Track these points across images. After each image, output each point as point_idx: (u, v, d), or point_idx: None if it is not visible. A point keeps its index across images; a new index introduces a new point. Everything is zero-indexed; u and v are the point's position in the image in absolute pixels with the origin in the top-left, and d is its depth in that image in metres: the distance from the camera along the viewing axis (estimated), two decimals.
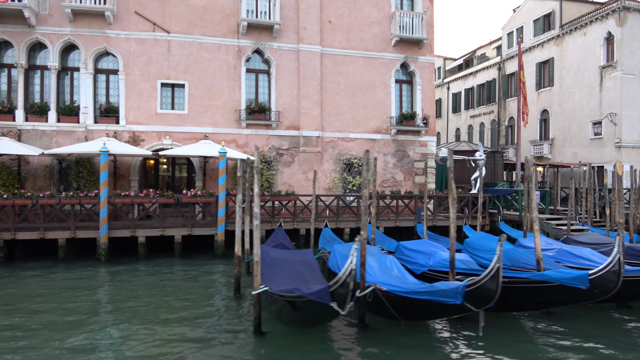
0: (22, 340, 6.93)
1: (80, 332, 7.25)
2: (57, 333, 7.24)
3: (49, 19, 15.60)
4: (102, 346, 6.70)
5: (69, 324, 7.67)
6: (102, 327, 7.51)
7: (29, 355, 6.36)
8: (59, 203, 13.05)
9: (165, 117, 16.40)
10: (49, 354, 6.43)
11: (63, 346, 6.70)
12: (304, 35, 17.57)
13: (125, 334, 7.22)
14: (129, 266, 12.60)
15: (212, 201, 13.95)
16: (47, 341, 6.89)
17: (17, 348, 6.63)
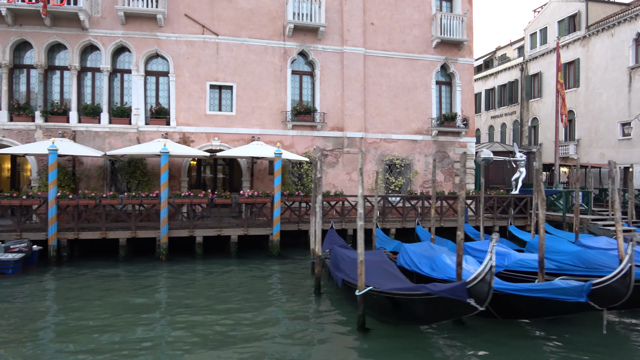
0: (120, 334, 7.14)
1: (189, 331, 7.45)
2: (170, 335, 7.44)
3: (101, 22, 15.83)
4: (204, 345, 6.89)
5: (179, 325, 7.88)
6: (203, 327, 7.71)
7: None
8: (121, 203, 13.27)
9: (214, 118, 16.61)
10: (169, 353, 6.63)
11: (181, 347, 6.90)
12: (347, 37, 17.75)
13: (234, 334, 7.41)
14: (189, 265, 12.81)
15: (269, 202, 14.12)
16: (158, 340, 7.09)
17: (113, 343, 6.84)
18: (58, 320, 8.03)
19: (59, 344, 6.86)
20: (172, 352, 6.55)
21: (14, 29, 15.26)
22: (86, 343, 6.88)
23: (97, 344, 6.83)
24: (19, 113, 15.25)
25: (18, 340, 7.01)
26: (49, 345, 6.82)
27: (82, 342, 6.93)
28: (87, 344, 6.83)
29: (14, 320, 7.95)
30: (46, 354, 6.50)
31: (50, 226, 12.54)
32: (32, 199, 12.72)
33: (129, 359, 6.34)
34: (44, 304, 9.10)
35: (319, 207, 9.72)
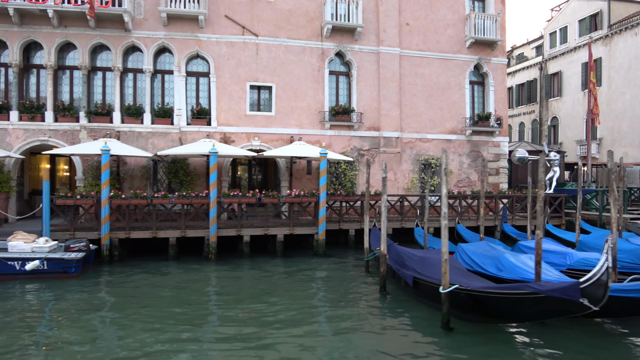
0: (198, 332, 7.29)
1: (274, 330, 7.59)
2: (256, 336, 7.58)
3: (143, 23, 15.98)
4: (290, 344, 7.03)
5: (265, 324, 8.02)
6: (286, 325, 7.84)
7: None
8: (171, 203, 13.41)
9: (253, 118, 16.74)
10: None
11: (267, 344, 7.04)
12: (383, 38, 17.85)
13: (318, 332, 7.55)
14: (238, 264, 12.95)
15: (314, 201, 14.25)
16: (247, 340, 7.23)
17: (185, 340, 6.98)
18: (135, 317, 8.17)
19: (140, 338, 7.01)
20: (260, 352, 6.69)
21: (58, 31, 15.43)
22: (164, 339, 7.03)
23: (173, 338, 6.98)
24: (64, 114, 15.42)
25: (101, 337, 7.17)
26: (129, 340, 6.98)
27: (163, 337, 7.08)
28: (163, 340, 6.98)
29: (95, 317, 8.11)
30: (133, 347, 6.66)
31: (103, 226, 12.69)
32: (85, 198, 12.88)
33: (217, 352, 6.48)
34: (118, 301, 9.24)
35: (384, 207, 9.83)
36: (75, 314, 8.27)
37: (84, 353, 6.49)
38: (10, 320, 7.88)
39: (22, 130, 15.15)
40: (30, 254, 10.84)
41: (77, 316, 8.15)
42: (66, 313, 8.39)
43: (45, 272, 10.79)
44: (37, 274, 10.75)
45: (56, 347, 6.77)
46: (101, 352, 6.53)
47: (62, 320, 7.99)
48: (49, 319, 8.09)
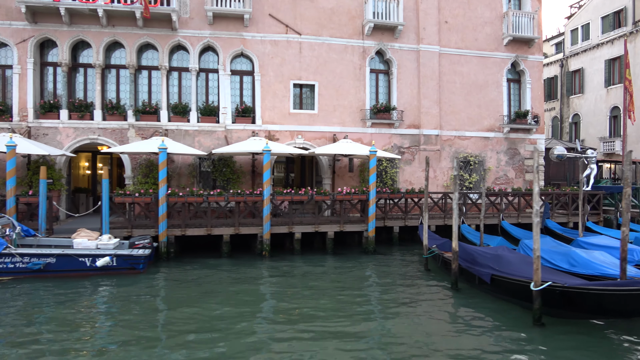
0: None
1: (361, 327, 7.74)
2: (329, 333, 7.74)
3: (189, 22, 16.09)
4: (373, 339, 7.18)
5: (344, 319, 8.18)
6: (369, 322, 8.00)
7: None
8: (226, 200, 13.57)
9: (297, 116, 16.86)
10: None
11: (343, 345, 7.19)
12: (423, 36, 17.93)
13: (403, 332, 7.70)
14: (290, 261, 13.08)
15: (365, 199, 14.39)
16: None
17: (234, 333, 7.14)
18: (219, 312, 8.34)
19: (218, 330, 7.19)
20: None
21: (107, 30, 15.56)
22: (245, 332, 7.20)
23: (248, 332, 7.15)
24: (112, 112, 15.58)
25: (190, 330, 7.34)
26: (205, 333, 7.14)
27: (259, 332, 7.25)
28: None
29: (175, 312, 8.29)
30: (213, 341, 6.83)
31: (160, 223, 12.86)
32: (143, 196, 13.04)
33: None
34: (190, 297, 9.40)
35: (455, 204, 9.96)
36: (164, 308, 8.45)
37: (191, 341, 6.67)
38: (99, 314, 8.07)
39: (72, 128, 15.31)
40: (95, 250, 11.02)
41: (168, 310, 8.34)
42: (153, 306, 8.57)
43: (114, 268, 10.98)
44: (106, 270, 10.93)
45: (155, 338, 6.96)
46: (203, 343, 6.70)
47: (154, 314, 8.17)
48: (142, 313, 8.26)
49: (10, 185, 11.90)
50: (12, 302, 8.81)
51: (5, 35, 14.97)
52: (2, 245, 10.37)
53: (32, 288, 9.77)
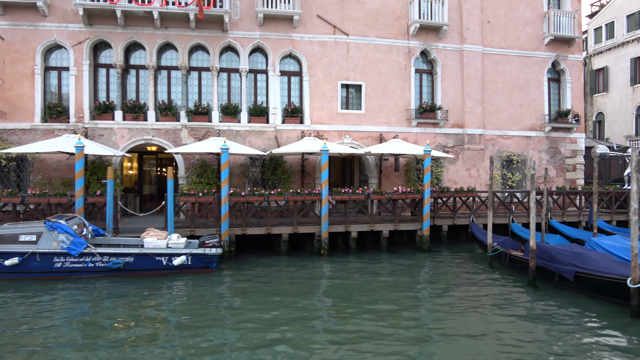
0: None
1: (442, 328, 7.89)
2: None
3: (240, 24, 16.27)
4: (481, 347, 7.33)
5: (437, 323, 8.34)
6: (453, 320, 8.16)
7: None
8: (286, 200, 13.74)
9: (345, 116, 17.02)
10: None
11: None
12: (467, 36, 18.04)
13: (492, 332, 7.85)
14: (350, 259, 13.23)
15: (419, 198, 14.54)
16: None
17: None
18: (301, 306, 8.52)
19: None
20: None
21: (159, 32, 15.75)
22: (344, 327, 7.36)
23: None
24: (166, 113, 15.77)
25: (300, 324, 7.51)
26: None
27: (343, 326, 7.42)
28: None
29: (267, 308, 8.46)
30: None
31: (223, 223, 13.03)
32: (206, 196, 13.23)
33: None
34: (268, 294, 9.59)
35: (533, 202, 10.10)
36: (249, 307, 8.63)
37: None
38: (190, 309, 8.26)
39: (127, 129, 15.51)
40: (171, 249, 11.20)
41: (257, 308, 8.52)
42: (238, 305, 8.76)
43: (188, 267, 11.17)
44: (180, 269, 11.13)
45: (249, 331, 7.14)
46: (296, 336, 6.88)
47: (243, 312, 8.35)
48: (231, 311, 8.44)
49: (79, 185, 12.10)
50: (106, 300, 9.01)
51: (62, 37, 15.18)
52: (82, 244, 10.57)
53: (116, 286, 9.97)
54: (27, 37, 14.98)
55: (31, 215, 12.81)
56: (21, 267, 10.36)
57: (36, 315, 8.09)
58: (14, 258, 10.24)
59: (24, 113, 14.95)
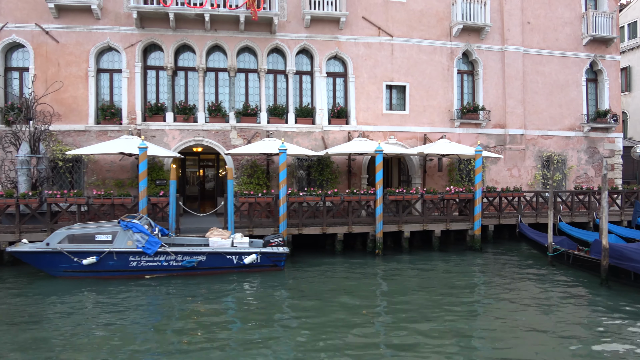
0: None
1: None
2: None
3: (287, 26, 16.43)
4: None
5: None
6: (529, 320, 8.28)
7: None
8: (341, 200, 13.88)
9: (389, 117, 17.17)
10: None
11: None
12: (508, 37, 18.17)
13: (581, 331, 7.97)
14: (404, 258, 13.38)
15: (471, 198, 14.66)
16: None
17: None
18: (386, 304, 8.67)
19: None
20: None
21: (209, 34, 15.92)
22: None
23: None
24: (215, 114, 15.94)
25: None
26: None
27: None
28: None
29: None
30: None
31: (281, 223, 13.18)
32: (265, 196, 13.39)
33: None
34: (339, 292, 9.73)
35: (605, 202, 10.21)
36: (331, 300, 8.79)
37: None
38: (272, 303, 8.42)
39: (178, 130, 15.69)
40: (238, 248, 11.35)
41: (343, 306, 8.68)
42: (316, 303, 8.92)
43: (258, 265, 11.33)
44: (250, 267, 11.28)
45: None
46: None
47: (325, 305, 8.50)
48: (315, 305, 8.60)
49: (142, 186, 12.27)
50: (189, 297, 9.18)
51: (115, 40, 15.37)
52: (157, 243, 10.73)
53: (194, 284, 10.14)
54: (80, 40, 15.18)
55: (96, 215, 13.00)
56: (98, 266, 10.54)
57: (131, 310, 8.28)
58: (91, 257, 10.43)
59: (78, 115, 15.14)
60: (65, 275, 10.66)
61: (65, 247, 10.42)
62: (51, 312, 8.36)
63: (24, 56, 15.28)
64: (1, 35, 14.76)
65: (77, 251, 10.44)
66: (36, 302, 8.96)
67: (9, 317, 7.99)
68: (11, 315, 8.13)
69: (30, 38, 14.91)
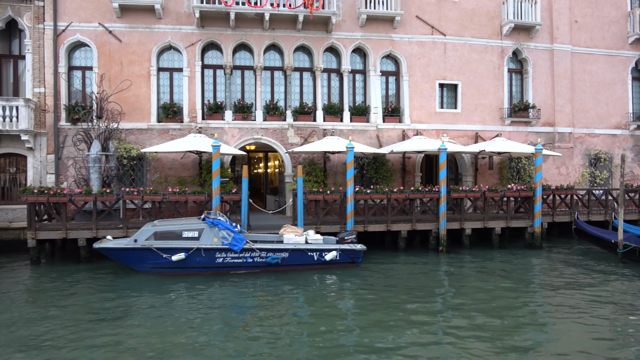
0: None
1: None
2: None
3: (342, 25, 16.56)
4: None
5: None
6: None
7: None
8: (407, 198, 14.04)
9: (442, 115, 17.31)
10: None
11: None
12: (557, 35, 18.28)
13: None
14: (470, 255, 13.52)
15: (531, 195, 14.80)
16: None
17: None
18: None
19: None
20: None
21: (267, 33, 16.07)
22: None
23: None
24: (273, 113, 16.10)
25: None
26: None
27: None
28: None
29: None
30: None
31: (348, 220, 13.35)
32: (333, 194, 13.56)
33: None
34: (419, 288, 9.89)
35: None
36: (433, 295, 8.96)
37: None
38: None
39: (237, 129, 15.86)
40: (313, 245, 11.51)
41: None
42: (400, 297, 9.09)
43: (337, 262, 11.50)
44: (329, 264, 11.45)
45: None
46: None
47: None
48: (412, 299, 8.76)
49: (215, 184, 12.45)
50: (284, 294, 9.36)
51: (175, 39, 15.53)
52: (243, 240, 10.91)
53: (281, 280, 10.32)
54: (142, 39, 15.34)
55: (169, 212, 13.20)
56: (185, 262, 10.73)
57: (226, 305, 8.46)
58: (180, 254, 10.60)
59: (141, 113, 15.31)
60: (152, 272, 10.86)
61: (154, 244, 10.61)
62: (160, 306, 8.54)
63: (86, 55, 15.45)
64: (66, 34, 14.93)
65: (166, 248, 10.62)
66: (132, 297, 9.14)
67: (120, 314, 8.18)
68: (119, 311, 8.32)
69: (93, 37, 15.09)
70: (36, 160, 14.80)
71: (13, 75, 15.46)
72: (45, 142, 14.81)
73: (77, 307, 8.45)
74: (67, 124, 14.86)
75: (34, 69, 14.84)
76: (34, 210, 12.19)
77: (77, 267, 11.91)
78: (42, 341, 6.75)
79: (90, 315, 7.96)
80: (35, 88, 14.83)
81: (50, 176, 14.79)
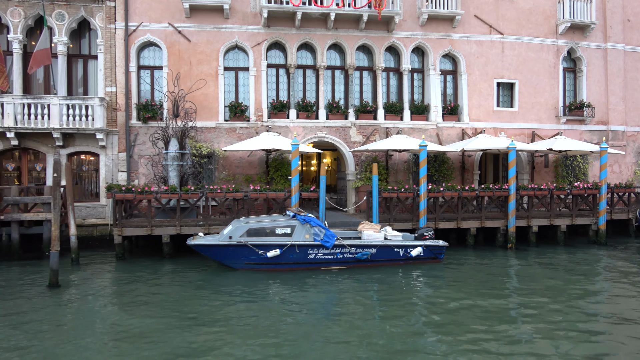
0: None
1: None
2: None
3: (402, 24, 16.74)
4: None
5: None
6: None
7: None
8: (478, 196, 14.23)
9: (499, 114, 17.48)
10: None
11: None
12: (610, 34, 18.40)
13: None
14: (536, 252, 13.69)
15: (596, 193, 14.97)
16: None
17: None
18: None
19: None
20: None
21: (330, 32, 16.26)
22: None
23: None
24: (336, 112, 16.31)
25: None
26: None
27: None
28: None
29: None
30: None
31: (421, 218, 13.58)
32: (407, 192, 13.78)
33: None
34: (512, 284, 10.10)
35: None
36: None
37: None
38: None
39: (301, 127, 16.08)
40: (400, 241, 11.73)
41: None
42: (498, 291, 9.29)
43: (421, 257, 11.72)
44: (413, 260, 11.68)
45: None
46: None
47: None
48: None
49: (295, 182, 12.71)
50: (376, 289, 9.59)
51: (242, 39, 15.75)
52: (334, 237, 11.15)
53: (374, 275, 10.57)
54: (210, 39, 15.57)
55: (244, 209, 13.45)
56: (279, 258, 10.97)
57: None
58: (275, 250, 10.85)
59: (209, 112, 15.56)
60: (245, 268, 11.10)
61: (249, 241, 10.85)
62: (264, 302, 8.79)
63: (154, 55, 15.70)
64: (136, 34, 15.18)
65: (261, 244, 10.86)
66: (239, 293, 9.40)
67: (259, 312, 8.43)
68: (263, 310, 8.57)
69: (163, 37, 15.33)
70: (108, 158, 15.07)
71: (83, 75, 15.73)
72: (117, 140, 15.09)
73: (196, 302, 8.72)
74: (138, 123, 15.12)
75: (105, 68, 15.10)
76: (120, 208, 12.46)
77: (162, 262, 12.15)
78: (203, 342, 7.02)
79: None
80: (107, 87, 15.10)
81: (122, 174, 15.07)
